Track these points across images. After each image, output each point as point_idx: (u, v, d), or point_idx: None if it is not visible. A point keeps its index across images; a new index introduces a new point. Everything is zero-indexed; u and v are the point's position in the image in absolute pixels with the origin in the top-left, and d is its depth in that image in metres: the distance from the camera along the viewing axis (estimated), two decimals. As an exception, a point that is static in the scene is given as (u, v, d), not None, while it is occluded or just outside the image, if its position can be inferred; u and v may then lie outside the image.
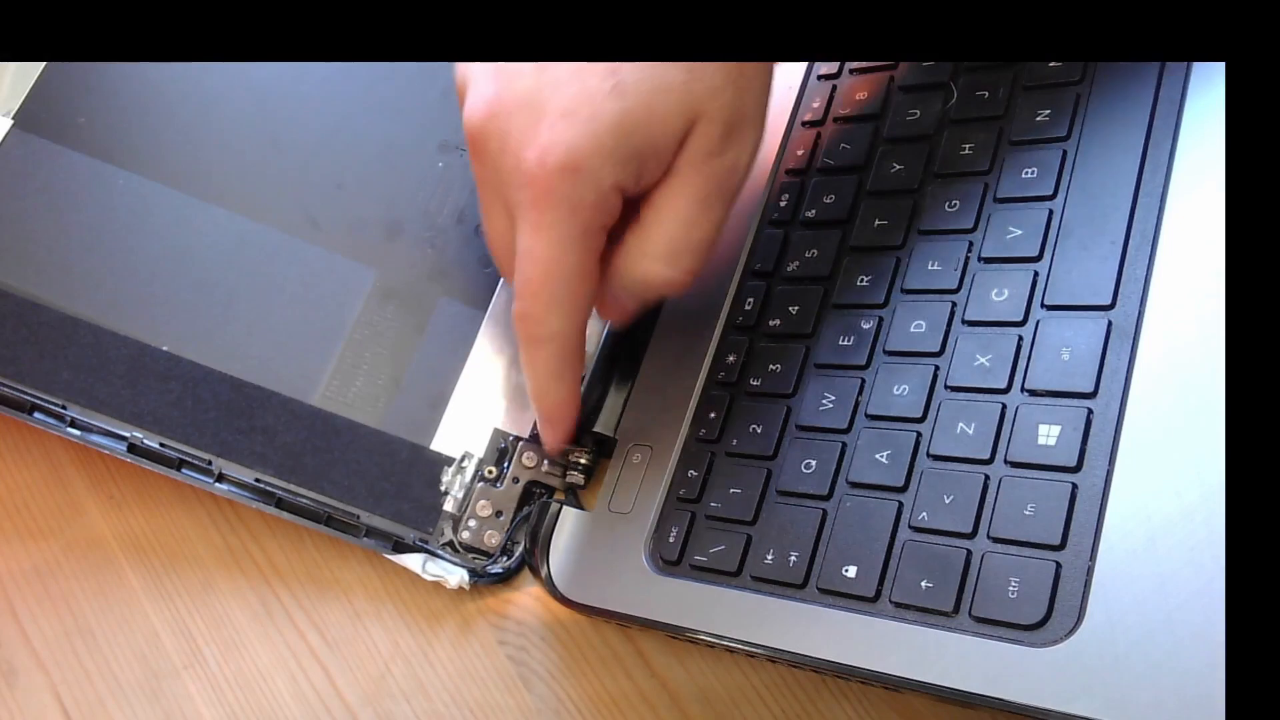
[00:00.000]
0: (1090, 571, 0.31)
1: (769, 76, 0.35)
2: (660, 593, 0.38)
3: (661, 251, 0.35)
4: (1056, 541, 0.31)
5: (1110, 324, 0.33)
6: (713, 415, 0.40)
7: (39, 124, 0.45)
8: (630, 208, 0.36)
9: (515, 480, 0.43)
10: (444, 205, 0.47)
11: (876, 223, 0.40)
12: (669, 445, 0.41)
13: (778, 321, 0.40)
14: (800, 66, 0.46)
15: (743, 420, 0.39)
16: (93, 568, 0.44)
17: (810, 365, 0.39)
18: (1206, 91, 0.36)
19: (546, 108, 0.32)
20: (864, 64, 0.44)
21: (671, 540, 0.39)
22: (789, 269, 0.41)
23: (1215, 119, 0.35)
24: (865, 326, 0.38)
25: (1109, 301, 0.34)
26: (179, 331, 0.43)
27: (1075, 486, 0.32)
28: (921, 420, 0.35)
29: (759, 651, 0.35)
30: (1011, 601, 0.31)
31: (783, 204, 0.43)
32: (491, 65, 0.34)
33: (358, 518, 0.42)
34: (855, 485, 0.36)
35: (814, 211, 0.42)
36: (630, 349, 0.44)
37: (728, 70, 0.33)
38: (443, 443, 0.44)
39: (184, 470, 0.42)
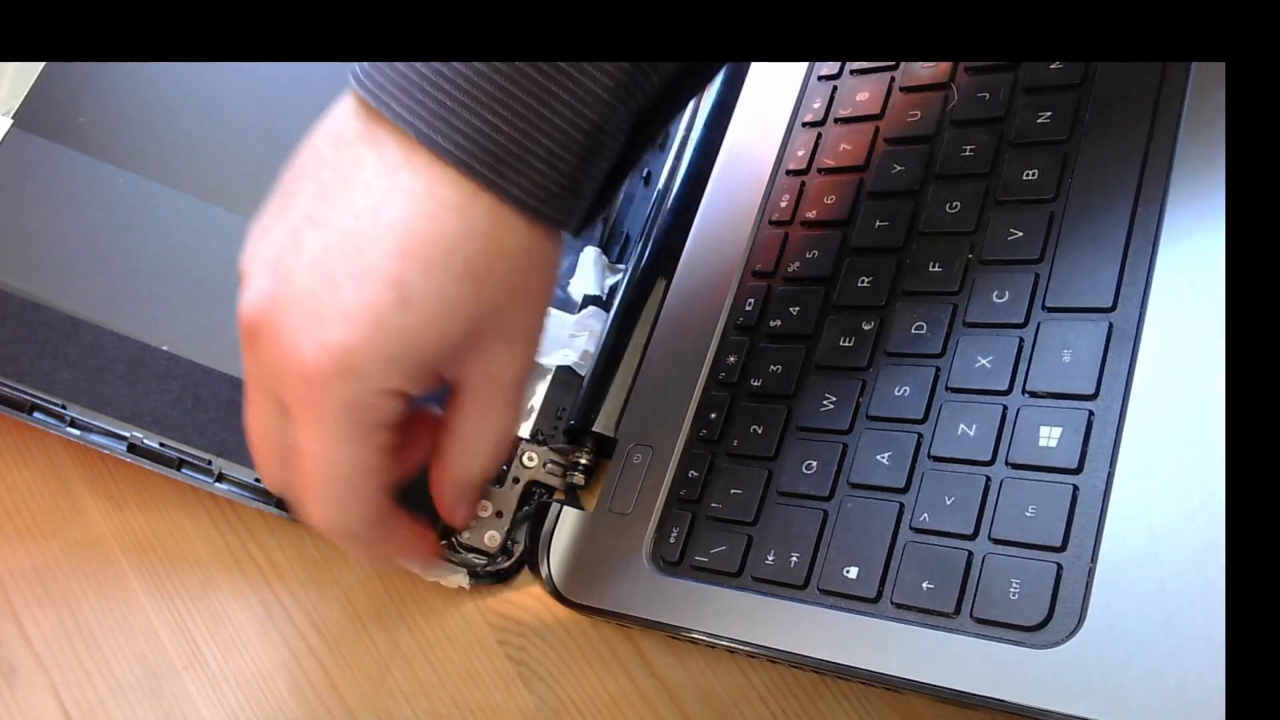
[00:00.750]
0: (1091, 573, 0.31)
1: (549, 287, 0.35)
2: (660, 593, 0.38)
3: (487, 452, 0.37)
4: (1058, 543, 0.31)
5: (1111, 326, 0.33)
6: (713, 416, 0.40)
7: (39, 124, 0.45)
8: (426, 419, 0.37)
9: (515, 480, 0.43)
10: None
11: (877, 224, 0.40)
12: (670, 445, 0.41)
13: (778, 322, 0.40)
14: (800, 67, 0.46)
15: (743, 421, 0.39)
16: (93, 568, 0.44)
17: (811, 366, 0.39)
18: (1206, 91, 0.36)
19: (323, 310, 0.32)
20: (864, 64, 0.44)
21: (672, 540, 0.39)
22: (790, 270, 0.41)
23: (1215, 119, 0.35)
24: (866, 327, 0.38)
25: (1110, 304, 0.34)
26: (179, 331, 0.43)
27: (1076, 488, 0.32)
28: (923, 421, 0.35)
29: (759, 652, 0.35)
30: (1013, 603, 0.31)
31: (783, 205, 0.43)
32: (270, 258, 0.33)
33: (358, 518, 0.42)
34: (856, 486, 0.36)
35: (814, 212, 0.42)
36: (630, 349, 0.44)
37: (512, 290, 0.33)
38: (443, 443, 0.44)
39: (184, 470, 0.42)
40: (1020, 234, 0.36)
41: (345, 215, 0.32)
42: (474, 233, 0.32)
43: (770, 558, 0.36)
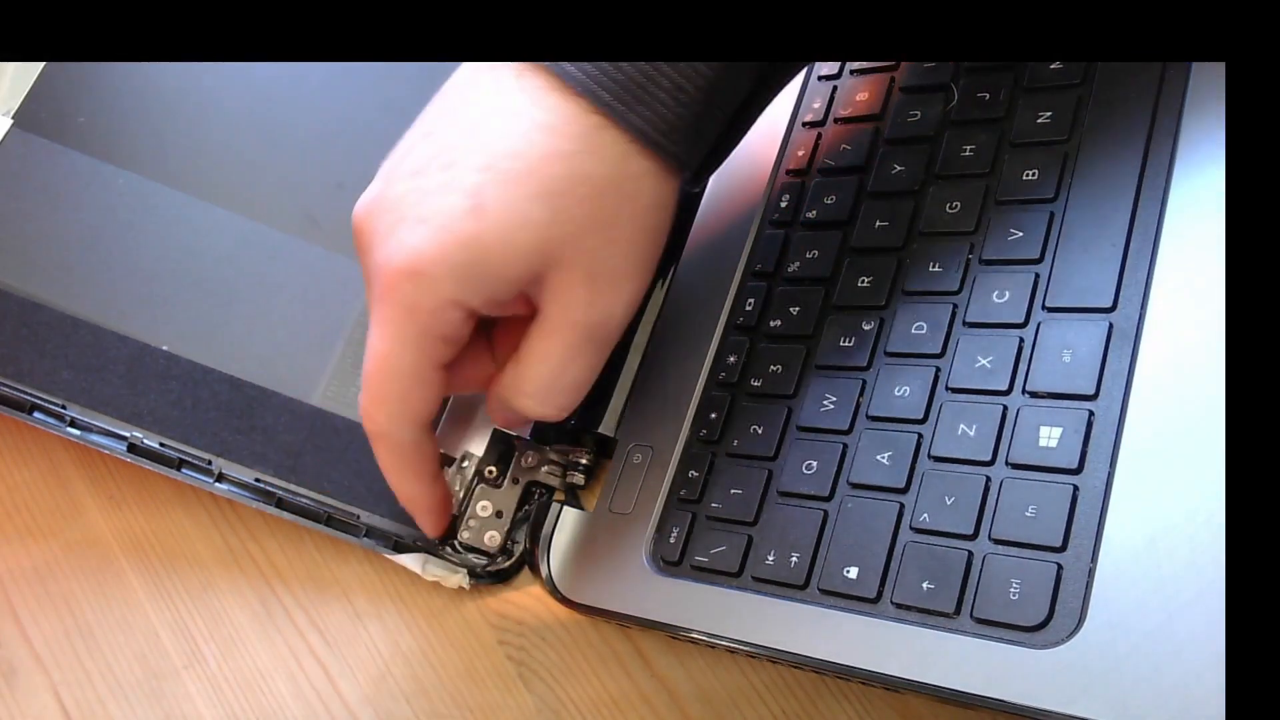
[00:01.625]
0: (1091, 573, 0.31)
1: (651, 231, 0.35)
2: (660, 593, 0.38)
3: (532, 390, 0.36)
4: (1058, 543, 0.31)
5: (1111, 326, 0.33)
6: (714, 416, 0.40)
7: (39, 124, 0.45)
8: (510, 333, 0.36)
9: (515, 480, 0.43)
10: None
11: (877, 224, 0.40)
12: (670, 446, 0.41)
13: (779, 322, 0.40)
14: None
15: (744, 421, 0.39)
16: (93, 568, 0.44)
17: (811, 366, 0.39)
18: (1206, 92, 0.36)
19: (408, 212, 0.33)
20: (864, 64, 0.44)
21: (672, 540, 0.39)
22: (790, 269, 0.41)
23: (1215, 120, 0.35)
24: (866, 327, 0.38)
25: (1110, 304, 0.34)
26: (179, 331, 0.43)
27: (1076, 488, 0.32)
28: (923, 421, 0.35)
29: (759, 652, 0.35)
30: (1013, 603, 0.31)
31: (783, 205, 0.43)
32: (388, 166, 0.35)
33: (358, 517, 0.42)
34: (856, 486, 0.36)
35: (815, 212, 0.42)
36: (630, 348, 0.44)
37: (595, 219, 0.33)
38: (443, 442, 0.44)
39: (184, 470, 0.42)
40: (1020, 234, 0.36)
41: (452, 129, 0.33)
42: (561, 154, 0.32)
43: (770, 558, 0.36)
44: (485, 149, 0.32)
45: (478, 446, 0.44)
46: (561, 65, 0.32)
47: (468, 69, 0.35)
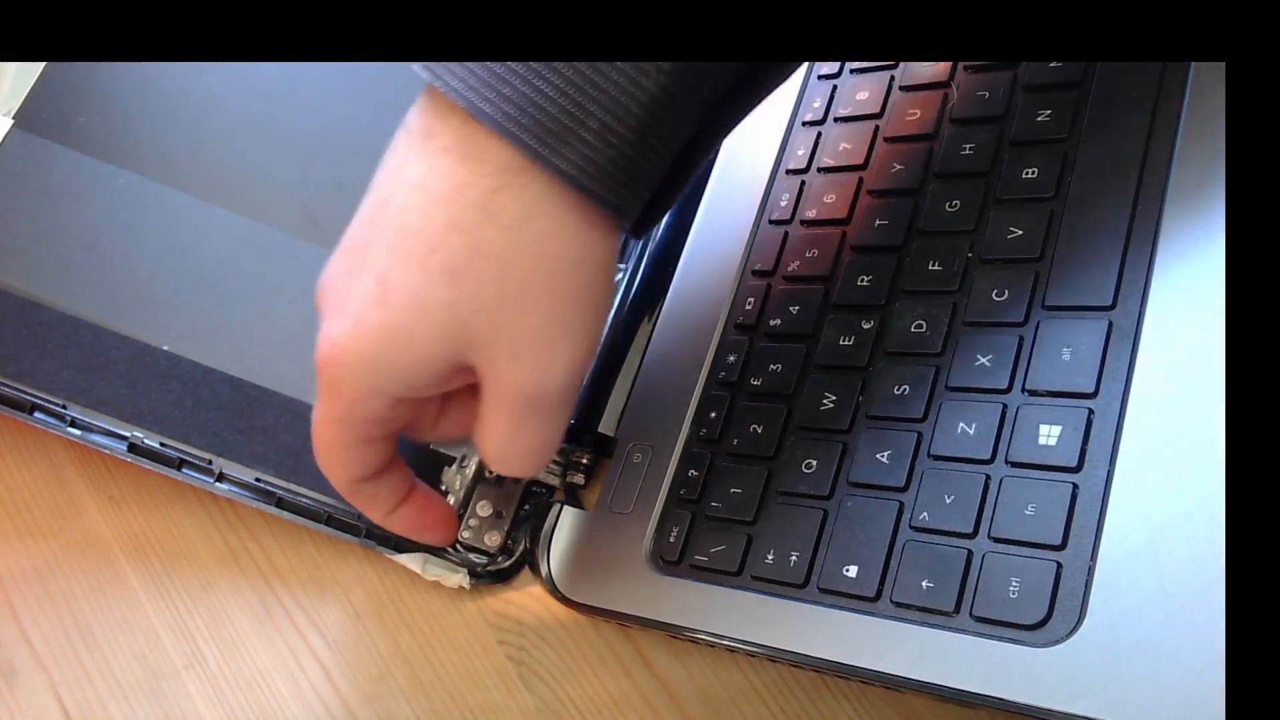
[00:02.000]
0: (1091, 571, 0.31)
1: (575, 290, 0.32)
2: (660, 592, 0.38)
3: (491, 457, 0.35)
4: (1057, 541, 0.31)
5: (1111, 324, 0.33)
6: (713, 415, 0.40)
7: (39, 124, 0.45)
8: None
9: (516, 480, 0.43)
10: (444, 205, 0.47)
11: (877, 223, 0.40)
12: (669, 445, 0.41)
13: (778, 322, 0.40)
14: (800, 66, 0.46)
15: (743, 420, 0.39)
16: (93, 568, 0.44)
17: (811, 365, 0.39)
18: (1206, 91, 0.36)
19: (333, 299, 0.32)
20: (864, 64, 0.44)
21: (672, 540, 0.39)
22: (789, 269, 0.41)
23: (1215, 119, 0.35)
24: (866, 326, 0.38)
25: (1110, 302, 0.34)
26: (179, 331, 0.43)
27: (1076, 487, 0.32)
28: (922, 420, 0.35)
29: (759, 651, 0.35)
30: (1012, 601, 0.31)
31: (783, 204, 0.43)
32: (346, 236, 0.33)
33: (358, 517, 0.42)
34: (856, 485, 0.36)
35: (814, 212, 0.42)
36: (631, 348, 0.44)
37: (502, 292, 0.31)
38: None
39: (184, 470, 0.42)
40: (1020, 232, 0.36)
41: (370, 204, 0.32)
42: (459, 228, 0.30)
43: (770, 557, 0.36)
44: (392, 228, 0.31)
45: (478, 446, 0.44)
46: (475, 105, 0.29)
47: (399, 131, 0.33)
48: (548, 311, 0.31)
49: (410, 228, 0.31)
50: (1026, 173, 0.37)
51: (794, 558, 0.35)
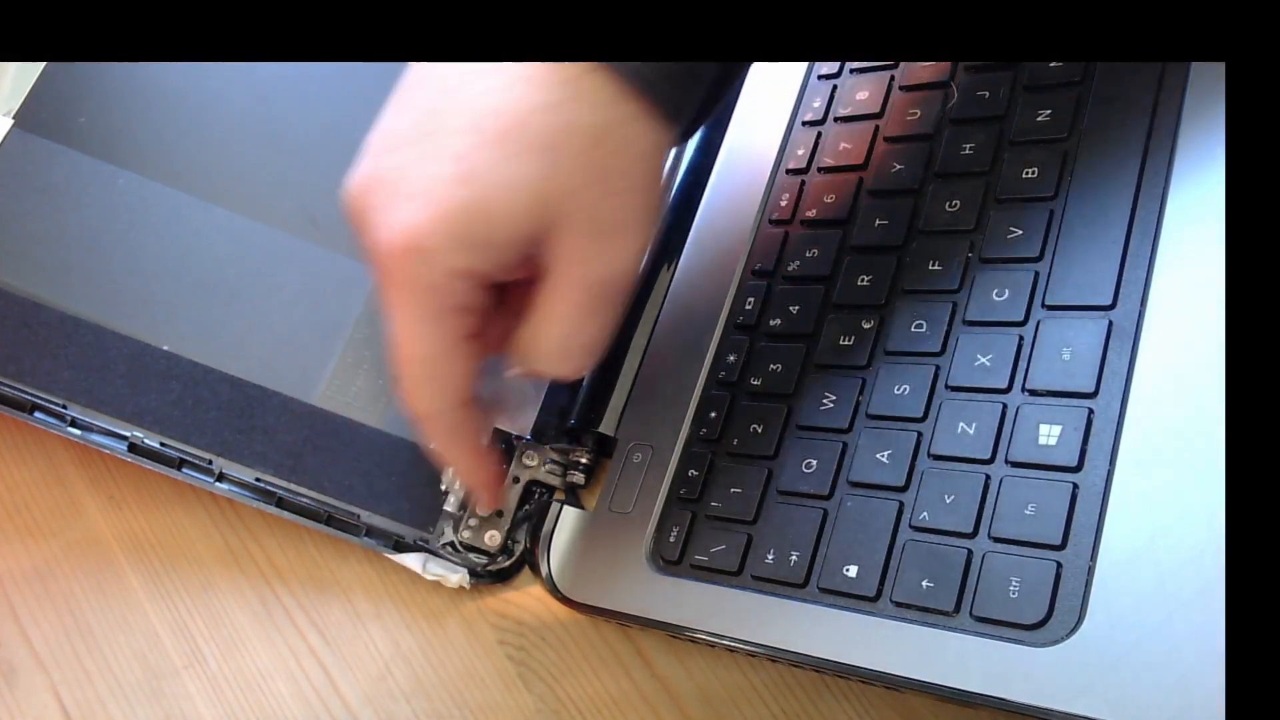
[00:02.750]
0: (1091, 571, 0.31)
1: (649, 179, 0.33)
2: (660, 592, 0.38)
3: (544, 351, 0.34)
4: (1057, 541, 0.31)
5: (1111, 324, 0.33)
6: (713, 415, 0.40)
7: (39, 124, 0.45)
8: (511, 292, 0.35)
9: (516, 480, 0.43)
10: (444, 205, 0.47)
11: (877, 222, 0.40)
12: (670, 445, 0.41)
13: (778, 321, 0.40)
14: (800, 66, 0.46)
15: (743, 420, 0.39)
16: (93, 568, 0.44)
17: (811, 365, 0.39)
18: (1206, 91, 0.36)
19: (399, 189, 0.32)
20: (864, 64, 0.44)
21: (672, 540, 0.39)
22: (790, 269, 0.41)
23: (1215, 119, 0.35)
24: (866, 326, 0.38)
25: (1110, 301, 0.34)
26: (179, 331, 0.43)
27: (1076, 486, 0.32)
28: (922, 420, 0.35)
29: (759, 651, 0.35)
30: (1012, 601, 0.31)
31: (783, 204, 0.43)
32: (374, 140, 0.34)
33: (358, 517, 0.42)
34: (856, 485, 0.36)
35: (814, 211, 0.42)
36: (631, 348, 0.44)
37: (591, 170, 0.31)
38: (443, 442, 0.44)
39: (184, 470, 0.42)
40: (1020, 232, 0.36)
41: (432, 94, 0.32)
42: (546, 106, 0.30)
43: (770, 556, 0.36)
44: (467, 110, 0.31)
45: (478, 446, 0.44)
46: None
47: None
48: (629, 195, 0.32)
49: (491, 108, 0.31)
50: (1026, 173, 0.37)
51: (794, 557, 0.35)
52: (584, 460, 0.43)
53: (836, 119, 0.44)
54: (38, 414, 0.42)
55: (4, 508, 0.45)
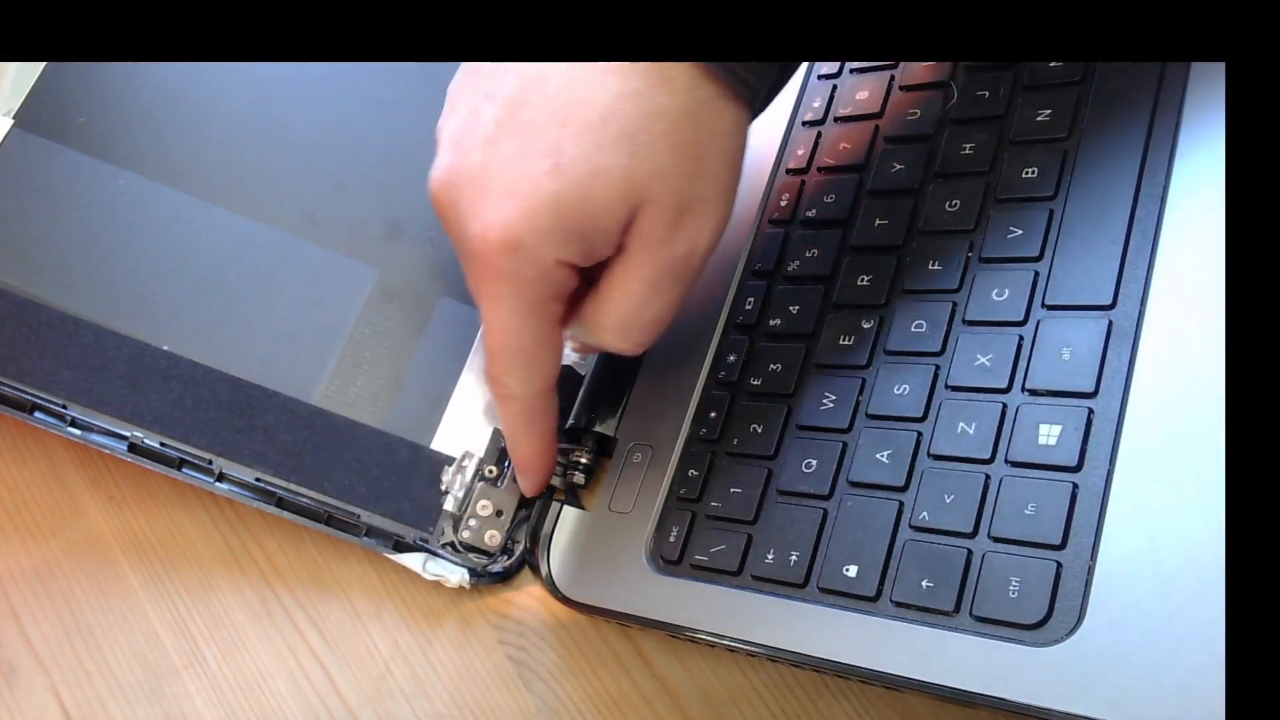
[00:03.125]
0: (1091, 571, 0.31)
1: (730, 156, 0.35)
2: (660, 592, 0.38)
3: (612, 325, 0.36)
4: (1057, 541, 0.31)
5: (1111, 324, 0.33)
6: (713, 415, 0.40)
7: (39, 124, 0.45)
8: (592, 271, 0.36)
9: (516, 479, 0.43)
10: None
11: (877, 222, 0.40)
12: (669, 445, 0.41)
13: (778, 321, 0.40)
14: (800, 66, 0.46)
15: (743, 420, 0.39)
16: (93, 568, 0.44)
17: (811, 365, 0.39)
18: (1206, 92, 0.36)
19: (491, 185, 0.33)
20: (864, 64, 0.44)
21: (672, 540, 0.39)
22: (789, 269, 0.41)
23: (1215, 119, 0.35)
24: (866, 326, 0.38)
25: (1109, 301, 0.34)
26: (179, 331, 0.43)
27: (1076, 486, 0.32)
28: (922, 420, 0.35)
29: (759, 651, 0.35)
30: (1012, 601, 0.31)
31: (783, 204, 0.43)
32: (454, 131, 0.34)
33: (358, 517, 0.42)
34: (856, 485, 0.36)
35: (814, 211, 0.42)
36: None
37: (677, 152, 0.33)
38: (443, 442, 0.44)
39: (184, 470, 0.42)
40: (1020, 232, 0.36)
41: (518, 86, 0.33)
42: (633, 92, 0.32)
43: (770, 556, 0.36)
44: (556, 101, 0.32)
45: (478, 446, 0.44)
46: None
47: None
48: (712, 175, 0.34)
49: (580, 98, 0.32)
50: (1026, 172, 0.37)
51: (794, 557, 0.35)
52: (584, 460, 0.43)
53: (836, 119, 0.44)
54: (38, 414, 0.42)
55: (4, 508, 0.45)
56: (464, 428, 0.44)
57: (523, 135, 0.33)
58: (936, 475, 0.34)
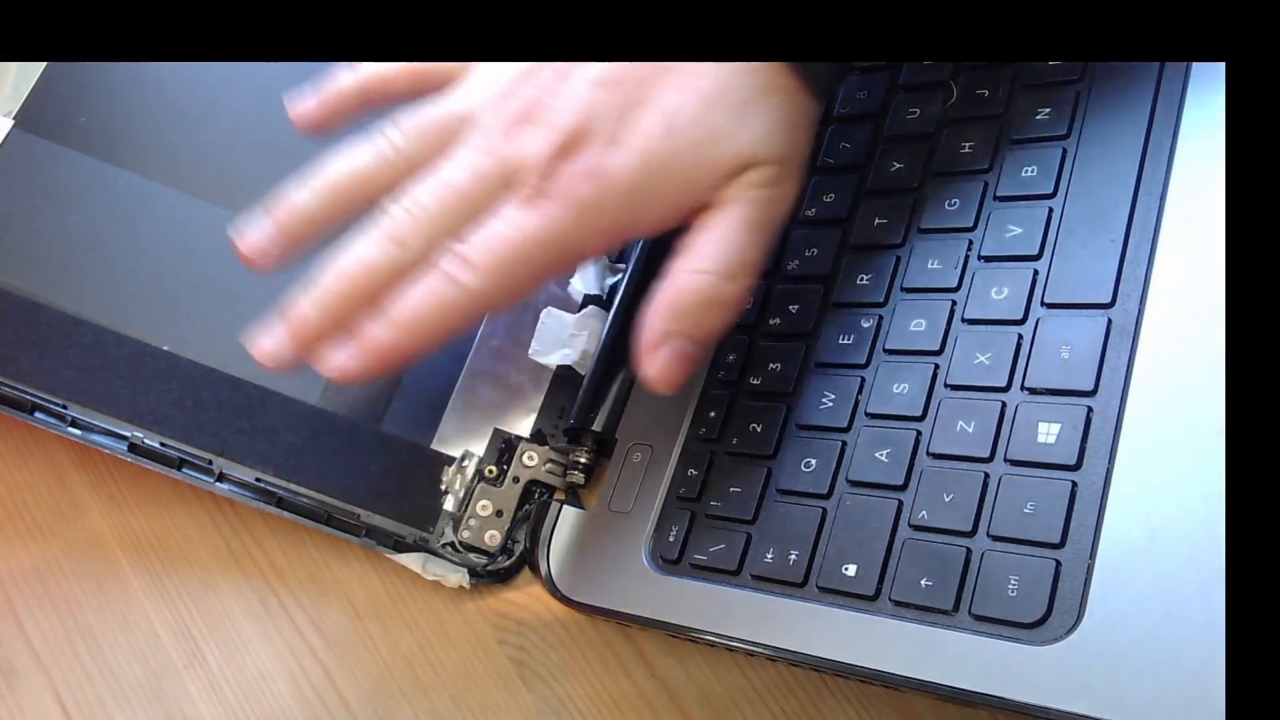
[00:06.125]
0: (1090, 569, 0.30)
1: (809, 138, 0.38)
2: (660, 592, 0.38)
3: (711, 265, 0.36)
4: (1056, 540, 0.31)
5: (1110, 322, 0.33)
6: (713, 414, 0.40)
7: (39, 124, 0.45)
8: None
9: (515, 479, 0.43)
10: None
11: (876, 221, 0.40)
12: (669, 444, 0.41)
13: (778, 320, 0.40)
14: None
15: (743, 419, 0.39)
16: (93, 568, 0.44)
17: (810, 364, 0.39)
18: (1206, 91, 0.36)
19: (600, 127, 0.35)
20: (864, 64, 0.44)
21: (671, 539, 0.39)
22: (789, 268, 0.41)
23: (1215, 118, 0.35)
24: (865, 325, 0.38)
25: (1109, 299, 0.34)
26: (179, 331, 0.43)
27: (1075, 484, 0.32)
28: (921, 419, 0.35)
29: (759, 651, 0.35)
30: (1011, 600, 0.31)
31: (783, 203, 0.43)
32: (595, 78, 0.36)
33: (358, 517, 0.42)
34: (855, 484, 0.36)
35: (814, 210, 0.42)
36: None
37: (778, 121, 0.36)
38: (443, 442, 0.44)
39: (185, 470, 0.42)
40: (1019, 230, 0.36)
41: (643, 69, 0.36)
42: (743, 70, 0.36)
43: (769, 556, 0.36)
44: (681, 75, 0.36)
45: (478, 446, 0.44)
46: None
47: None
48: (801, 149, 0.38)
49: (700, 70, 0.36)
50: (1026, 171, 0.37)
51: (793, 556, 0.35)
52: (584, 460, 0.43)
53: (836, 118, 0.44)
54: (38, 414, 0.42)
55: (4, 508, 0.45)
56: (464, 428, 0.44)
57: (637, 90, 0.36)
58: (935, 474, 0.34)
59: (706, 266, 0.36)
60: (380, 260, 0.36)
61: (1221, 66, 0.36)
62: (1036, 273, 0.35)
